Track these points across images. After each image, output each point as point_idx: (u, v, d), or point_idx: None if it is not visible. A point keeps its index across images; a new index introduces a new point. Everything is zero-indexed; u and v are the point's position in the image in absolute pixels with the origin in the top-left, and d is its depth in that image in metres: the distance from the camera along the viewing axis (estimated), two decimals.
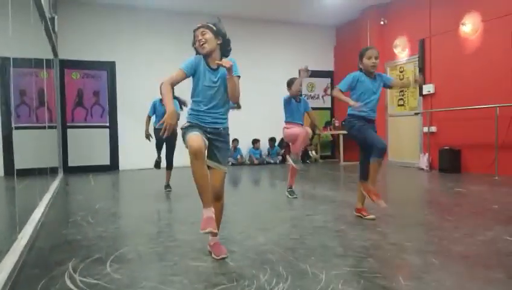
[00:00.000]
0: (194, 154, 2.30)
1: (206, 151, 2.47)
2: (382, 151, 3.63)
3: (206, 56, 2.59)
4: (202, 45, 2.55)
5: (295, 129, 4.76)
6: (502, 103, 6.26)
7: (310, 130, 4.83)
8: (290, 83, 4.85)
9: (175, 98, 6.13)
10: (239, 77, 2.64)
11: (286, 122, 4.89)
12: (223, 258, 2.48)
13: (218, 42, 2.59)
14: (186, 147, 2.36)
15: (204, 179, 2.38)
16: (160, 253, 2.68)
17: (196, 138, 2.36)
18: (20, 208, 3.53)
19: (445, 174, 6.91)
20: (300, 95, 4.95)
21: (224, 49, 2.67)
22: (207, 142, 2.50)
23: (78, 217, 3.85)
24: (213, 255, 2.53)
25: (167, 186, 5.56)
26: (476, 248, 2.65)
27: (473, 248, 2.66)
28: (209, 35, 2.55)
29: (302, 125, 4.85)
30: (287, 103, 4.82)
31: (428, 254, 2.52)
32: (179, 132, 2.66)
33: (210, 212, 2.38)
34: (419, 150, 8.16)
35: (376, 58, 3.79)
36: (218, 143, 2.59)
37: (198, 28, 2.59)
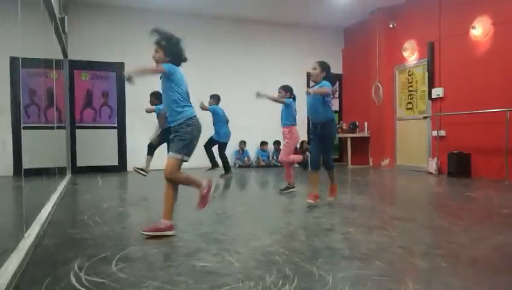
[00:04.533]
0: None
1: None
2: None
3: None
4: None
5: None
6: None
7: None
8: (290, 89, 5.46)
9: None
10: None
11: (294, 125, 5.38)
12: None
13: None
14: None
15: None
16: (166, 253, 2.67)
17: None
18: (28, 207, 3.54)
19: (454, 179, 6.84)
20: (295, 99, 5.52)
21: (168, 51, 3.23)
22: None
23: (85, 217, 3.86)
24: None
25: None
26: (485, 252, 2.61)
27: (482, 252, 2.62)
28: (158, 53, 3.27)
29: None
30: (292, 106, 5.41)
31: (436, 258, 2.49)
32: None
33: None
34: (427, 154, 8.09)
35: (313, 68, 4.35)
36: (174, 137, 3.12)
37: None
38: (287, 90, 5.46)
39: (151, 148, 6.40)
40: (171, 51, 3.19)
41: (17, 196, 4.80)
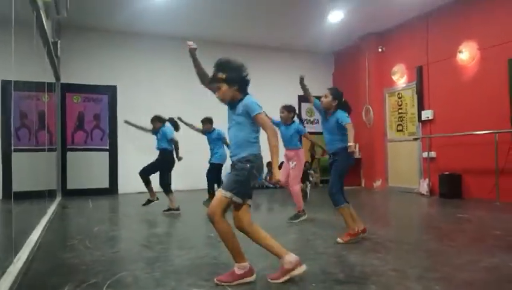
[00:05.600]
0: None
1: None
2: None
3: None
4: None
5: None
6: (501, 128, 6.29)
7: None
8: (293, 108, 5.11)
9: (170, 119, 6.19)
10: None
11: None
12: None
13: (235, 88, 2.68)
14: None
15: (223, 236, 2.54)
16: (157, 278, 2.63)
17: None
18: (17, 231, 3.48)
19: (445, 200, 6.87)
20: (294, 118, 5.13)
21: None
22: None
23: (75, 241, 3.80)
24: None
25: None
26: (479, 275, 2.61)
27: (476, 274, 2.62)
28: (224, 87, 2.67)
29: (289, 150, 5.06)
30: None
31: (430, 281, 2.48)
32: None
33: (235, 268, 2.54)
34: (419, 175, 8.14)
35: (324, 96, 4.06)
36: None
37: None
38: (290, 110, 5.04)
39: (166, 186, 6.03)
40: (235, 78, 2.67)
41: (6, 219, 4.71)
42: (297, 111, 5.19)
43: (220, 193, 2.53)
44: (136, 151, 6.50)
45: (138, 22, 8.27)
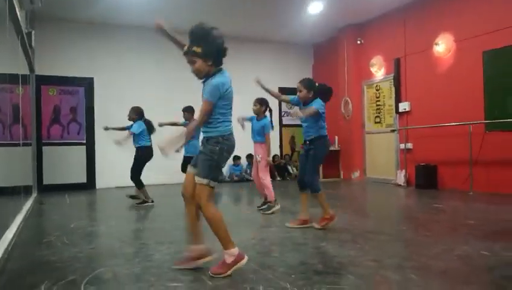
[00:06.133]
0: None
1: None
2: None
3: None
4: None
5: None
6: (475, 120, 6.44)
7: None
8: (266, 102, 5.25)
9: (146, 121, 6.15)
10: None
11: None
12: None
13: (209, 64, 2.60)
14: None
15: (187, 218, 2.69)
16: (137, 274, 2.61)
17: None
18: None
19: (421, 191, 7.02)
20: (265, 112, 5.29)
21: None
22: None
23: (52, 238, 3.73)
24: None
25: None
26: (453, 263, 2.68)
27: (451, 263, 2.70)
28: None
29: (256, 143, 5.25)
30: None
31: (407, 270, 2.54)
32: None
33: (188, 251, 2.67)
34: (396, 167, 8.29)
35: (299, 90, 4.12)
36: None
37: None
38: (262, 103, 5.21)
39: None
40: (211, 52, 2.56)
41: None
42: (269, 105, 5.30)
43: (197, 181, 2.54)
44: (114, 145, 6.41)
45: (115, 13, 8.10)
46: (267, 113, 5.29)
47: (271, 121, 5.25)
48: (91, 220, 5.12)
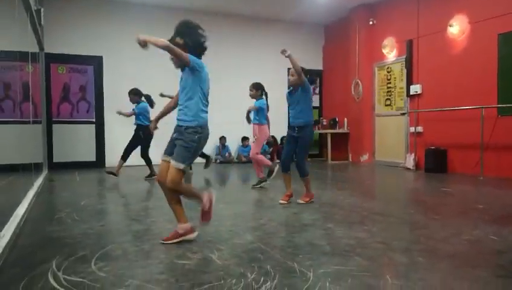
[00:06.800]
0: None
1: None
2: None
3: None
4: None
5: None
6: (488, 104, 6.34)
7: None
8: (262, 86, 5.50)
9: (146, 96, 6.39)
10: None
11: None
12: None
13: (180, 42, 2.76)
14: None
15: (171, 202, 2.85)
16: (146, 251, 2.64)
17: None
18: (3, 205, 3.45)
19: (431, 174, 6.97)
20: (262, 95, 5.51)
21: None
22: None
23: (63, 214, 3.79)
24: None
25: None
26: (462, 247, 2.68)
27: (459, 247, 2.69)
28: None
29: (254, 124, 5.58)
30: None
31: (415, 253, 2.54)
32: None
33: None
34: (405, 150, 8.23)
35: (291, 74, 4.22)
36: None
37: None
38: (258, 88, 5.47)
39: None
40: (191, 46, 2.76)
41: None
42: (265, 89, 5.54)
43: (173, 165, 2.70)
44: (123, 124, 6.47)
45: None
46: (263, 97, 5.55)
47: (267, 104, 5.54)
48: (101, 197, 5.18)
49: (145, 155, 6.48)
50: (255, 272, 2.20)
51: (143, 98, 6.43)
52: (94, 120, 8.69)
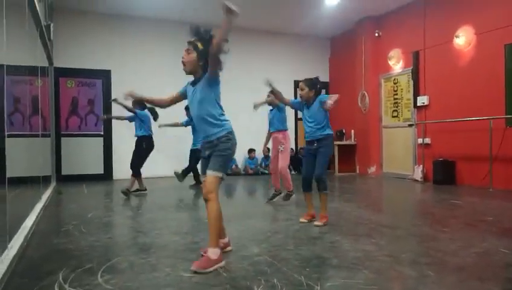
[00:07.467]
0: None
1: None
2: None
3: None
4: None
5: None
6: (496, 115, 6.30)
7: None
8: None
9: (150, 109, 6.33)
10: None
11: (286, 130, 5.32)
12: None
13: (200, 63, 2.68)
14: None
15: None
16: (152, 264, 2.64)
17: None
18: (11, 217, 3.46)
19: (439, 186, 6.91)
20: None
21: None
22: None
23: (70, 227, 3.80)
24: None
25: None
26: (471, 260, 2.64)
27: (468, 260, 2.65)
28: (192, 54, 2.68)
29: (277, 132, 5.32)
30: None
31: (423, 266, 2.51)
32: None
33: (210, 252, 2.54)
34: (413, 162, 8.18)
35: (301, 89, 4.09)
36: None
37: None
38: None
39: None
40: (207, 55, 2.62)
41: (0, 205, 4.70)
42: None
43: (212, 174, 2.62)
44: (131, 137, 6.50)
45: (133, 5, 8.16)
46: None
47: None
48: (108, 210, 5.19)
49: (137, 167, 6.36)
50: (261, 285, 2.19)
51: (146, 110, 6.37)
52: (102, 133, 8.76)
